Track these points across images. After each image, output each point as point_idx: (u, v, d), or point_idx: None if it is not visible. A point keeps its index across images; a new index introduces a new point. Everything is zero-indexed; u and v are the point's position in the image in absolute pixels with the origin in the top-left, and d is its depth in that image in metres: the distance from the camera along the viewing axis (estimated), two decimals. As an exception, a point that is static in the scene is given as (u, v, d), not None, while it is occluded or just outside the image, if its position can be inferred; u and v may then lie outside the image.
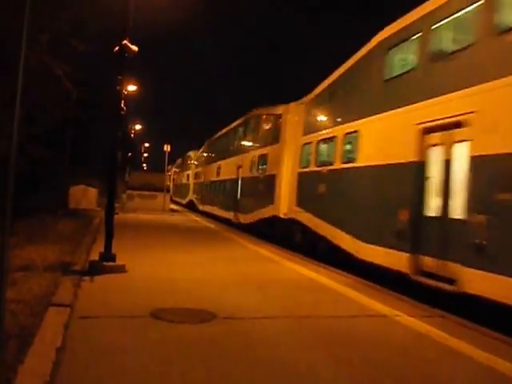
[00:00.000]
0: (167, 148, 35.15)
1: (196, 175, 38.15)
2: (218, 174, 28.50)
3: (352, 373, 4.48)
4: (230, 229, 20.38)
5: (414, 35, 9.56)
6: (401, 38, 10.09)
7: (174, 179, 57.08)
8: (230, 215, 23.51)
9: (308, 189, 14.15)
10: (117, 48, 8.97)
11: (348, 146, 12.19)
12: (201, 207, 33.31)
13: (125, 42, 8.93)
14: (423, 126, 8.80)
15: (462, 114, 7.75)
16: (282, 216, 15.89)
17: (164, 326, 5.60)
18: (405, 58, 10.28)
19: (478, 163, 7.34)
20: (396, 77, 10.24)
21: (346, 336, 5.63)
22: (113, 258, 8.68)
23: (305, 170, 14.62)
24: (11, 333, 4.68)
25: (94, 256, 9.09)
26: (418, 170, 8.88)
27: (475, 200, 7.38)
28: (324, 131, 13.56)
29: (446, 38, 8.92)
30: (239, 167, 22.81)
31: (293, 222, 15.02)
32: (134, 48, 9.11)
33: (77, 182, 28.25)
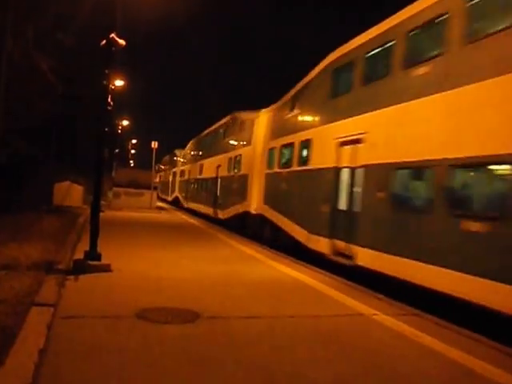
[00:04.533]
0: (155, 145, 34.88)
1: None
2: None
3: (332, 371, 4.54)
4: (215, 227, 20.33)
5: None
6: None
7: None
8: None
9: None
10: (104, 42, 8.84)
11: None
12: None
13: (112, 35, 8.79)
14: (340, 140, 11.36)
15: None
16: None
17: (149, 326, 5.55)
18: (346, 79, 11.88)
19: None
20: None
21: (326, 335, 5.73)
22: (98, 257, 8.57)
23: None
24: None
25: (79, 255, 8.97)
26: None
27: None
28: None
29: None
30: None
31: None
32: (122, 42, 8.98)
33: (62, 178, 27.87)
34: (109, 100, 8.91)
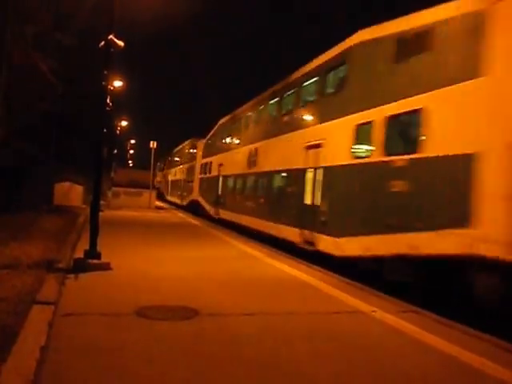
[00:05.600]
0: (153, 145, 34.92)
1: None
2: None
3: (331, 368, 4.57)
4: (214, 226, 20.37)
5: None
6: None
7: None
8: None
9: None
10: (102, 43, 8.92)
11: None
12: None
13: (111, 36, 8.87)
14: None
15: None
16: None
17: (148, 323, 5.60)
18: None
19: None
20: None
21: (325, 332, 5.75)
22: (98, 256, 8.64)
23: None
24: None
25: (79, 254, 9.03)
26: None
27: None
28: None
29: None
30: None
31: None
32: (120, 43, 9.06)
33: (62, 178, 27.96)
34: (107, 101, 8.99)
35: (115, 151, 53.94)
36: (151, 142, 34.89)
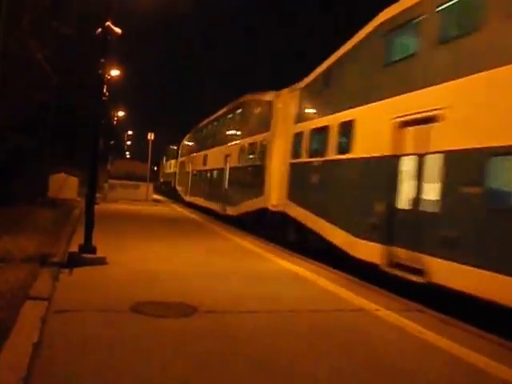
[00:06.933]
0: (151, 136, 34.67)
1: None
2: None
3: (332, 366, 4.50)
4: (212, 220, 20.28)
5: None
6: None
7: None
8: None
9: None
10: (99, 30, 8.72)
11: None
12: None
13: (108, 23, 8.67)
14: None
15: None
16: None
17: (144, 320, 5.51)
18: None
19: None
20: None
21: (327, 331, 5.66)
22: (93, 250, 8.50)
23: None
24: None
25: (74, 248, 8.90)
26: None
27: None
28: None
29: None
30: None
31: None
32: (118, 30, 8.88)
33: (57, 170, 27.74)
34: (104, 90, 8.82)
35: (112, 142, 53.62)
36: (149, 134, 34.63)
